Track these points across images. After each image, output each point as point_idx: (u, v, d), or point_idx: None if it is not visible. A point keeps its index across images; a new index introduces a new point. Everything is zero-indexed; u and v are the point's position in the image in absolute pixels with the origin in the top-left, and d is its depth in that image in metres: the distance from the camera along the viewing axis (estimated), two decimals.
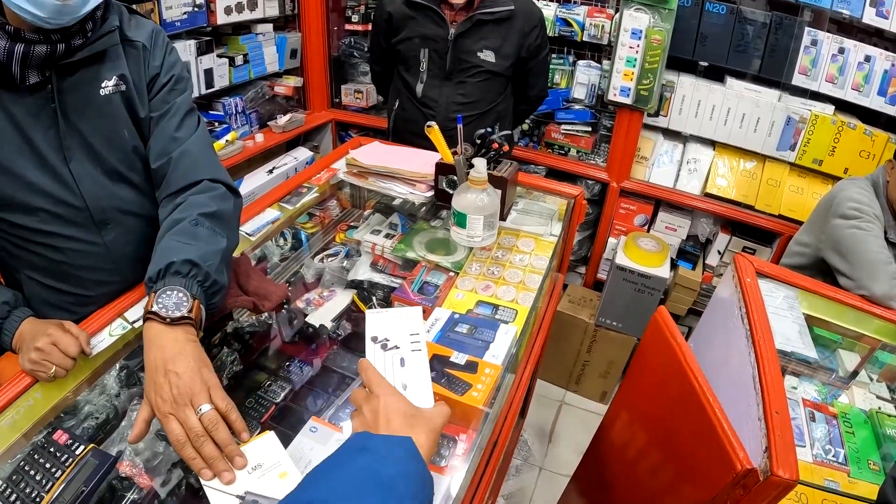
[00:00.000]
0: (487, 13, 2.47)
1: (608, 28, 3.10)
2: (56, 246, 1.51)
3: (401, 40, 2.62)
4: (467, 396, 1.22)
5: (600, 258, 3.47)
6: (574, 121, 3.35)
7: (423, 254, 1.75)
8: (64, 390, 1.40)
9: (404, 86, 2.70)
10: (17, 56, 1.28)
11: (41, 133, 1.39)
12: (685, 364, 1.49)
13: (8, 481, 1.24)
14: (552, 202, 2.07)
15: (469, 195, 1.59)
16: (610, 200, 3.30)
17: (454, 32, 2.49)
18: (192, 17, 3.03)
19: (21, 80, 1.32)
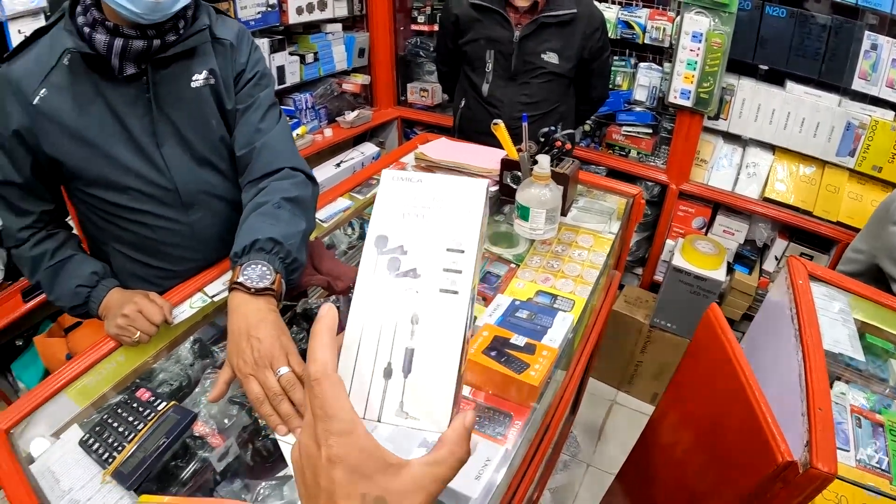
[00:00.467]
0: (551, 16, 2.54)
1: (669, 31, 3.13)
2: (146, 223, 1.64)
3: (467, 42, 2.71)
4: (525, 375, 1.29)
5: (657, 260, 3.50)
6: (635, 122, 3.39)
7: (487, 246, 1.84)
8: (145, 355, 1.54)
9: (470, 85, 2.79)
10: (116, 50, 1.42)
11: (136, 120, 1.53)
12: (734, 359, 1.52)
13: (91, 432, 1.36)
14: (611, 201, 2.13)
15: (532, 190, 1.67)
16: (669, 202, 3.33)
17: (519, 35, 2.57)
18: (265, 16, 3.19)
19: (119, 72, 1.46)
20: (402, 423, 0.59)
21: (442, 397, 0.60)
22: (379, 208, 0.67)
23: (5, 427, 1.36)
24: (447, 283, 0.62)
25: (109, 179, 1.56)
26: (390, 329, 0.61)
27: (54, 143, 1.50)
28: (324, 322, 0.59)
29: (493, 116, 2.61)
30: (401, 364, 0.60)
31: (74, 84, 1.48)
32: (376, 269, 0.64)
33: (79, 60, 1.46)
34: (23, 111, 1.47)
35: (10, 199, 1.59)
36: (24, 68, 1.48)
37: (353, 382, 0.60)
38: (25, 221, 1.62)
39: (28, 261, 1.64)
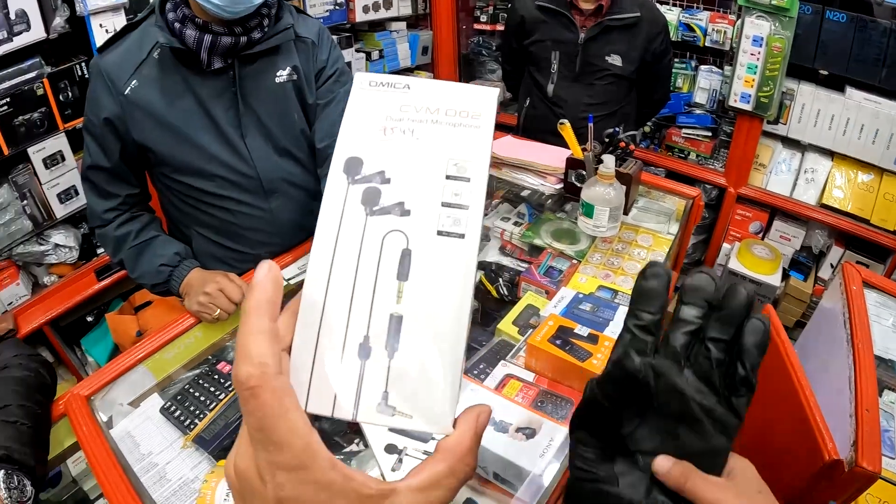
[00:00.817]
0: (616, 19, 2.59)
1: (730, 34, 3.14)
2: (228, 208, 1.75)
3: (532, 42, 2.77)
4: (588, 363, 1.34)
5: (713, 263, 3.52)
6: (695, 125, 3.41)
7: (550, 241, 1.91)
8: (222, 332, 1.66)
9: (535, 85, 2.85)
10: (205, 45, 1.53)
11: (222, 112, 1.64)
12: (788, 362, 1.55)
13: (173, 400, 1.47)
14: (671, 202, 2.16)
15: (597, 188, 1.74)
16: (727, 206, 3.34)
17: (584, 37, 2.62)
18: (333, 14, 3.32)
19: (207, 65, 1.57)
20: (386, 423, 0.44)
21: (443, 386, 0.44)
22: (350, 123, 0.50)
23: (86, 394, 1.47)
24: (448, 222, 0.47)
25: (196, 166, 1.67)
26: (367, 289, 0.46)
27: (144, 131, 1.62)
28: (259, 294, 0.42)
29: (557, 116, 2.66)
30: (383, 339, 0.45)
31: (164, 76, 1.59)
32: (346, 205, 0.47)
33: (168, 54, 1.57)
34: (114, 101, 1.59)
35: (97, 182, 1.71)
36: (116, 60, 1.60)
37: (313, 368, 0.45)
38: (111, 203, 1.73)
39: (112, 240, 1.75)
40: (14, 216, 2.51)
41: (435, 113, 0.50)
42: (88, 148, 1.68)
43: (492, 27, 3.94)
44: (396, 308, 0.45)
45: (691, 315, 0.60)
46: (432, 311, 0.45)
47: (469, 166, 0.48)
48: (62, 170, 2.60)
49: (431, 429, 0.45)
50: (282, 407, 0.39)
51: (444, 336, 0.45)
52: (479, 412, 0.47)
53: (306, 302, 0.46)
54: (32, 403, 1.33)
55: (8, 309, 2.59)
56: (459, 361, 0.45)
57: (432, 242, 0.46)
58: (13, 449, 1.20)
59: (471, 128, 0.49)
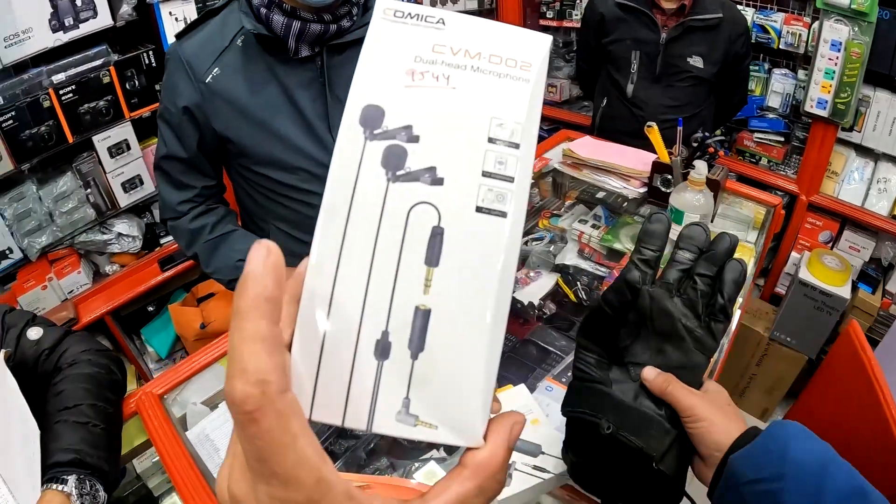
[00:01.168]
0: (698, 20, 2.52)
1: (805, 37, 3.03)
2: (310, 203, 1.69)
3: (612, 41, 2.71)
4: None
5: (780, 271, 3.42)
6: (767, 129, 3.31)
7: (629, 246, 1.86)
8: None
9: (613, 84, 2.79)
10: (293, 31, 1.46)
11: (309, 103, 1.57)
12: (872, 377, 1.50)
13: None
14: (748, 209, 2.10)
15: (687, 195, 1.67)
16: (798, 214, 3.24)
17: (665, 37, 2.55)
18: None
19: (294, 53, 1.51)
20: (406, 434, 0.38)
21: (475, 392, 0.38)
22: (368, 62, 0.41)
23: (160, 392, 1.43)
24: (490, 197, 0.39)
25: (278, 159, 1.61)
26: (388, 275, 0.38)
27: (225, 121, 1.57)
28: (255, 288, 0.33)
29: (636, 117, 2.63)
30: (405, 335, 0.38)
31: (248, 64, 1.54)
32: (362, 166, 0.39)
33: (253, 42, 1.52)
34: (194, 89, 1.54)
35: (172, 173, 1.66)
36: (197, 47, 1.54)
37: (319, 369, 0.37)
38: (186, 195, 1.68)
39: (186, 233, 1.70)
40: (77, 204, 2.52)
41: (475, 58, 0.40)
42: (164, 137, 1.63)
43: (558, 23, 3.86)
44: (423, 299, 0.38)
45: (685, 257, 0.77)
46: (466, 303, 0.38)
47: (517, 128, 0.39)
48: (127, 159, 2.60)
49: (459, 441, 0.38)
50: (288, 434, 0.32)
51: (480, 334, 0.38)
52: (514, 422, 0.41)
53: (310, 289, 0.38)
54: (104, 402, 1.29)
55: (68, 297, 2.59)
56: (495, 364, 0.38)
57: (469, 221, 0.38)
58: (85, 452, 1.17)
59: (520, 80, 0.40)
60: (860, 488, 0.68)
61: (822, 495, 0.66)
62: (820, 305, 2.95)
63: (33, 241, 2.48)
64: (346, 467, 1.36)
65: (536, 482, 1.08)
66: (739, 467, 0.72)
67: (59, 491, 1.10)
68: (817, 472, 0.68)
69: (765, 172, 3.33)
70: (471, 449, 0.39)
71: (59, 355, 1.35)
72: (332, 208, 0.39)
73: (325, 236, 0.39)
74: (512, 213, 0.38)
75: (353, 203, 0.39)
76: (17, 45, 2.22)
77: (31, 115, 2.32)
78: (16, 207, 2.41)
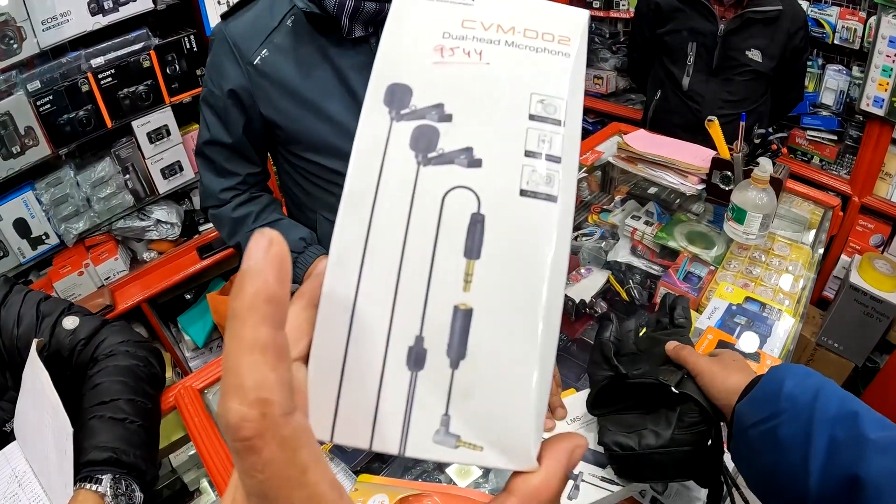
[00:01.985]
0: (757, 12, 2.43)
1: (860, 32, 2.92)
2: None
3: (667, 31, 2.63)
4: None
5: (829, 275, 3.31)
6: (820, 127, 3.20)
7: (685, 245, 1.78)
8: None
9: (667, 77, 2.71)
10: (348, 10, 1.37)
11: (362, 86, 1.43)
12: None
13: None
14: (803, 209, 2.02)
15: (750, 193, 1.60)
16: (850, 216, 3.13)
17: (723, 28, 2.47)
18: None
19: (347, 33, 1.42)
20: (446, 458, 0.31)
21: (527, 406, 0.32)
22: (392, 40, 0.36)
23: (199, 386, 1.39)
24: (536, 179, 0.33)
25: (331, 145, 1.54)
26: (421, 270, 0.32)
27: (274, 105, 1.49)
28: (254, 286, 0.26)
29: (691, 111, 2.55)
30: (444, 340, 0.32)
31: (299, 45, 1.46)
32: (389, 150, 0.33)
33: (304, 21, 1.44)
34: (241, 71, 1.46)
35: (215, 159, 1.58)
36: (244, 28, 1.47)
37: (342, 384, 0.32)
38: (229, 183, 1.60)
39: (229, 222, 1.63)
40: (115, 190, 2.50)
41: (509, 32, 0.35)
42: (207, 121, 1.55)
43: (605, 14, 3.76)
44: (463, 297, 0.32)
45: None
46: (514, 301, 0.32)
47: (560, 104, 0.34)
48: (167, 145, 2.57)
49: (509, 464, 0.31)
50: (295, 467, 0.25)
51: (531, 336, 0.31)
52: (575, 446, 0.33)
53: (330, 290, 0.32)
54: (141, 397, 1.23)
55: (105, 284, 2.57)
56: (548, 373, 0.32)
57: (514, 206, 0.32)
58: (121, 451, 1.11)
59: (559, 55, 0.35)
60: (851, 411, 0.69)
61: (814, 422, 0.69)
62: (870, 311, 2.85)
63: (70, 226, 2.46)
64: (391, 471, 1.30)
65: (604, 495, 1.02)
66: (744, 413, 0.79)
67: (93, 491, 1.04)
68: (809, 403, 0.71)
69: (817, 171, 3.23)
70: (520, 473, 0.32)
71: (95, 346, 1.29)
72: (354, 198, 0.33)
73: (346, 229, 0.33)
74: (561, 197, 0.33)
75: (378, 190, 0.33)
76: (55, 28, 2.19)
77: (69, 99, 2.30)
78: (53, 192, 2.39)
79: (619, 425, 0.96)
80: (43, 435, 1.12)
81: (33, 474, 1.13)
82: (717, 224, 1.83)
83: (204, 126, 1.57)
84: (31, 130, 2.23)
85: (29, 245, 2.42)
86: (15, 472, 1.13)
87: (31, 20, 2.13)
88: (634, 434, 0.92)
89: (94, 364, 1.26)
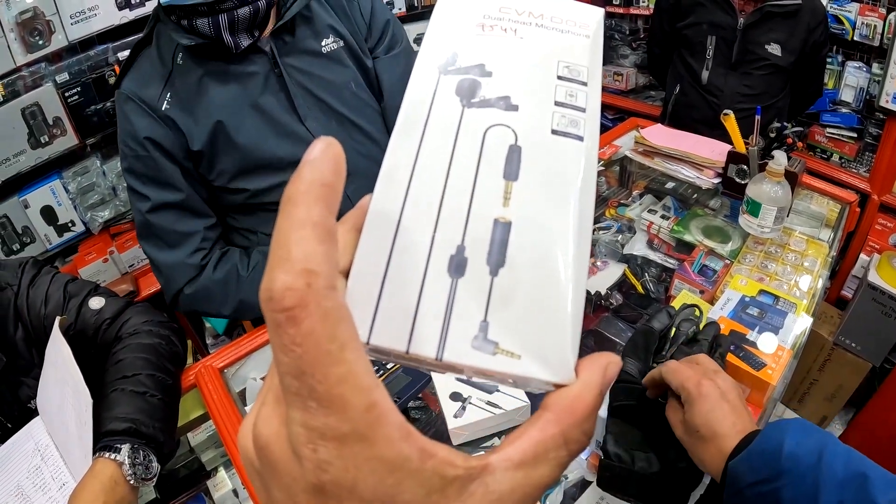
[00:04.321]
0: (777, 5, 2.44)
1: (880, 28, 2.89)
2: None
3: (687, 25, 2.65)
4: (763, 373, 1.26)
5: (848, 274, 3.29)
6: (839, 124, 3.18)
7: (700, 238, 1.79)
8: None
9: (687, 71, 2.72)
10: (223, 25, 1.32)
11: (272, 98, 1.46)
12: None
13: None
14: (820, 205, 2.02)
15: (764, 186, 1.61)
16: (869, 214, 3.11)
17: (743, 22, 2.48)
18: None
19: (236, 48, 1.37)
20: (484, 364, 0.32)
21: (564, 316, 0.32)
22: (438, 23, 0.41)
23: (220, 366, 1.42)
24: (564, 122, 0.37)
25: (253, 168, 1.49)
26: (464, 187, 0.34)
27: (192, 144, 1.44)
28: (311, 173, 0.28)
29: (710, 105, 2.56)
30: (484, 249, 0.33)
31: (197, 79, 1.42)
32: (436, 96, 0.37)
33: (193, 55, 1.40)
34: (153, 121, 1.41)
35: (165, 228, 1.48)
36: (140, 80, 1.42)
37: (382, 288, 0.32)
38: (190, 246, 1.50)
39: (216, 288, 1.52)
40: None
41: (539, 17, 0.40)
42: (141, 192, 1.46)
43: (625, 10, 3.77)
44: (503, 212, 0.33)
45: None
46: (550, 219, 0.34)
47: (583, 70, 0.39)
48: None
49: (547, 374, 0.32)
50: (335, 341, 0.25)
51: (566, 250, 0.33)
52: (609, 362, 0.33)
53: (377, 205, 0.34)
54: (162, 373, 1.27)
55: (129, 271, 2.62)
56: (583, 287, 0.33)
57: (547, 140, 0.36)
58: (140, 422, 1.14)
59: (580, 35, 0.40)
60: (859, 472, 0.65)
61: (820, 486, 0.65)
62: (888, 311, 2.83)
63: (96, 214, 2.51)
64: None
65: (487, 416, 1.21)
66: (739, 472, 0.73)
67: (112, 459, 1.07)
68: (814, 464, 0.67)
69: (836, 169, 3.21)
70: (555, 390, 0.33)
71: (119, 325, 1.33)
72: (406, 126, 0.36)
73: (397, 151, 0.35)
74: (587, 139, 0.36)
75: (427, 123, 0.36)
76: (83, 21, 2.24)
77: (96, 91, 2.36)
78: (79, 181, 2.45)
79: (624, 439, 0.96)
80: (64, 407, 1.15)
81: (55, 447, 1.16)
82: (734, 219, 1.84)
83: (139, 199, 1.47)
84: (59, 121, 2.29)
85: (55, 232, 2.48)
86: (38, 446, 1.17)
87: (60, 14, 2.19)
88: (637, 453, 0.93)
89: (119, 342, 1.30)
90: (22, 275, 1.33)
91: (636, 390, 0.96)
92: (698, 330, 1.09)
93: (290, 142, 1.48)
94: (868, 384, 2.95)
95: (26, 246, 2.43)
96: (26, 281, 1.33)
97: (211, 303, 1.53)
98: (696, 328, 1.09)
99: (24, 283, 1.32)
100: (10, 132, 2.21)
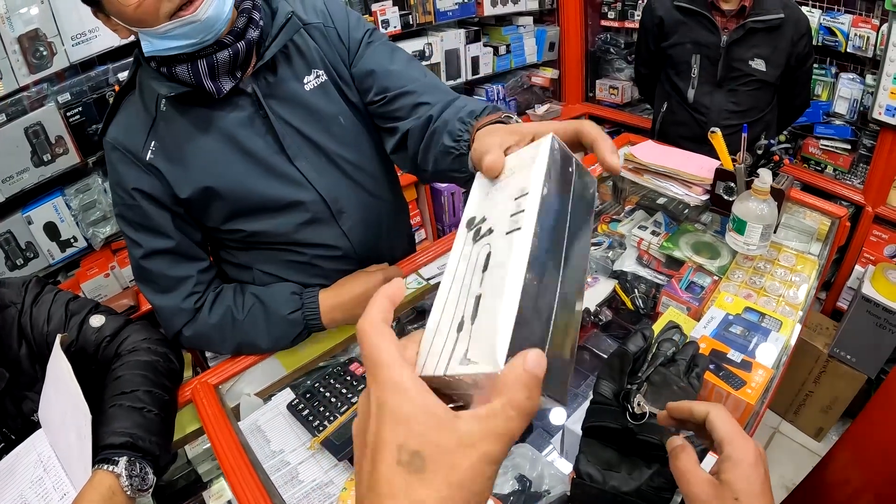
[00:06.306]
0: (759, 21, 2.46)
1: (873, 40, 2.93)
2: (298, 249, 1.58)
3: (672, 45, 2.67)
4: (742, 392, 1.27)
5: (843, 285, 3.31)
6: (833, 136, 3.21)
7: (689, 255, 1.82)
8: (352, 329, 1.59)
9: (673, 89, 2.75)
10: (203, 72, 1.30)
11: (259, 140, 1.43)
12: None
13: (301, 398, 1.43)
14: (811, 220, 2.04)
15: (750, 204, 1.63)
16: (863, 226, 3.13)
17: (727, 40, 2.50)
18: (462, 7, 3.31)
19: (218, 93, 1.34)
20: (464, 372, 0.51)
21: (499, 332, 0.51)
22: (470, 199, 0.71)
23: (214, 382, 1.46)
24: (512, 224, 0.59)
25: (245, 212, 1.49)
26: (466, 286, 0.59)
27: (180, 193, 1.43)
28: (386, 289, 0.57)
29: (697, 122, 2.58)
30: (471, 313, 0.55)
31: (182, 127, 1.40)
32: (464, 246, 0.64)
33: (177, 101, 1.37)
34: (140, 171, 1.40)
35: (159, 272, 1.48)
36: (124, 129, 1.40)
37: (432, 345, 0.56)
38: (185, 290, 1.50)
39: (213, 332, 1.52)
40: None
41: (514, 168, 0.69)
42: (133, 238, 1.46)
43: (619, 24, 3.83)
44: (478, 290, 0.56)
45: None
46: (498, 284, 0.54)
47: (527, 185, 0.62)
48: None
49: (487, 367, 0.49)
50: (378, 339, 0.51)
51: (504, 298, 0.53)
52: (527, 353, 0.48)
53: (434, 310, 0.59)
54: (160, 389, 1.31)
55: (129, 286, 2.65)
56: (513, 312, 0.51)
57: (503, 241, 0.59)
58: (138, 436, 1.19)
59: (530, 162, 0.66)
60: None
61: None
62: (883, 323, 2.84)
63: (97, 230, 2.55)
64: None
65: None
66: None
67: (110, 472, 1.12)
68: None
69: (830, 181, 3.23)
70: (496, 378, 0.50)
71: (119, 342, 1.38)
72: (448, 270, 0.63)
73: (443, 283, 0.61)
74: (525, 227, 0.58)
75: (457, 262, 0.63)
76: (83, 43, 2.29)
77: (97, 110, 2.40)
78: (81, 198, 2.49)
79: (597, 458, 1.01)
80: (65, 421, 1.20)
81: (57, 459, 1.20)
82: (724, 235, 1.85)
83: (133, 245, 1.48)
84: (61, 139, 2.33)
85: (58, 247, 2.51)
86: (41, 458, 1.20)
87: (62, 36, 2.23)
88: (609, 472, 0.98)
89: (118, 359, 1.35)
90: (25, 293, 1.38)
91: (610, 411, 1.00)
92: (678, 350, 1.12)
93: (281, 183, 1.47)
94: (864, 396, 2.97)
95: (30, 261, 2.47)
96: (30, 299, 1.37)
97: (210, 345, 1.55)
98: (676, 348, 1.13)
99: (27, 301, 1.37)
100: (14, 150, 2.25)
